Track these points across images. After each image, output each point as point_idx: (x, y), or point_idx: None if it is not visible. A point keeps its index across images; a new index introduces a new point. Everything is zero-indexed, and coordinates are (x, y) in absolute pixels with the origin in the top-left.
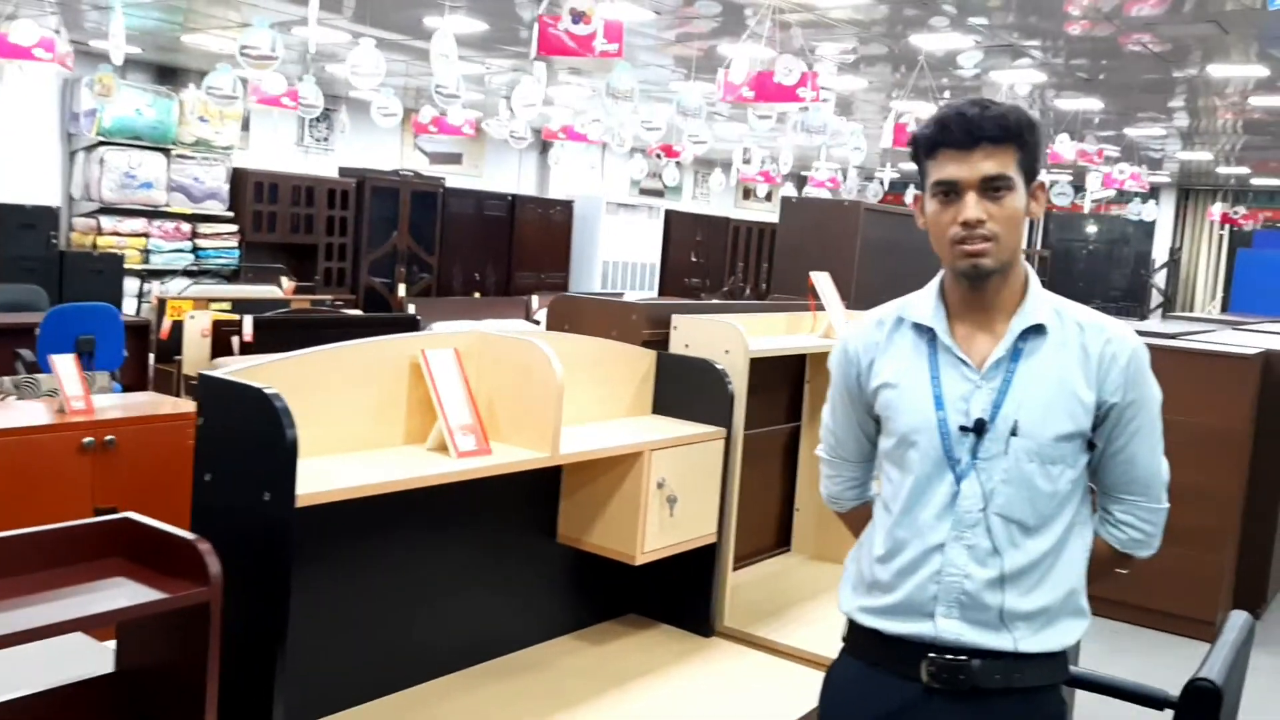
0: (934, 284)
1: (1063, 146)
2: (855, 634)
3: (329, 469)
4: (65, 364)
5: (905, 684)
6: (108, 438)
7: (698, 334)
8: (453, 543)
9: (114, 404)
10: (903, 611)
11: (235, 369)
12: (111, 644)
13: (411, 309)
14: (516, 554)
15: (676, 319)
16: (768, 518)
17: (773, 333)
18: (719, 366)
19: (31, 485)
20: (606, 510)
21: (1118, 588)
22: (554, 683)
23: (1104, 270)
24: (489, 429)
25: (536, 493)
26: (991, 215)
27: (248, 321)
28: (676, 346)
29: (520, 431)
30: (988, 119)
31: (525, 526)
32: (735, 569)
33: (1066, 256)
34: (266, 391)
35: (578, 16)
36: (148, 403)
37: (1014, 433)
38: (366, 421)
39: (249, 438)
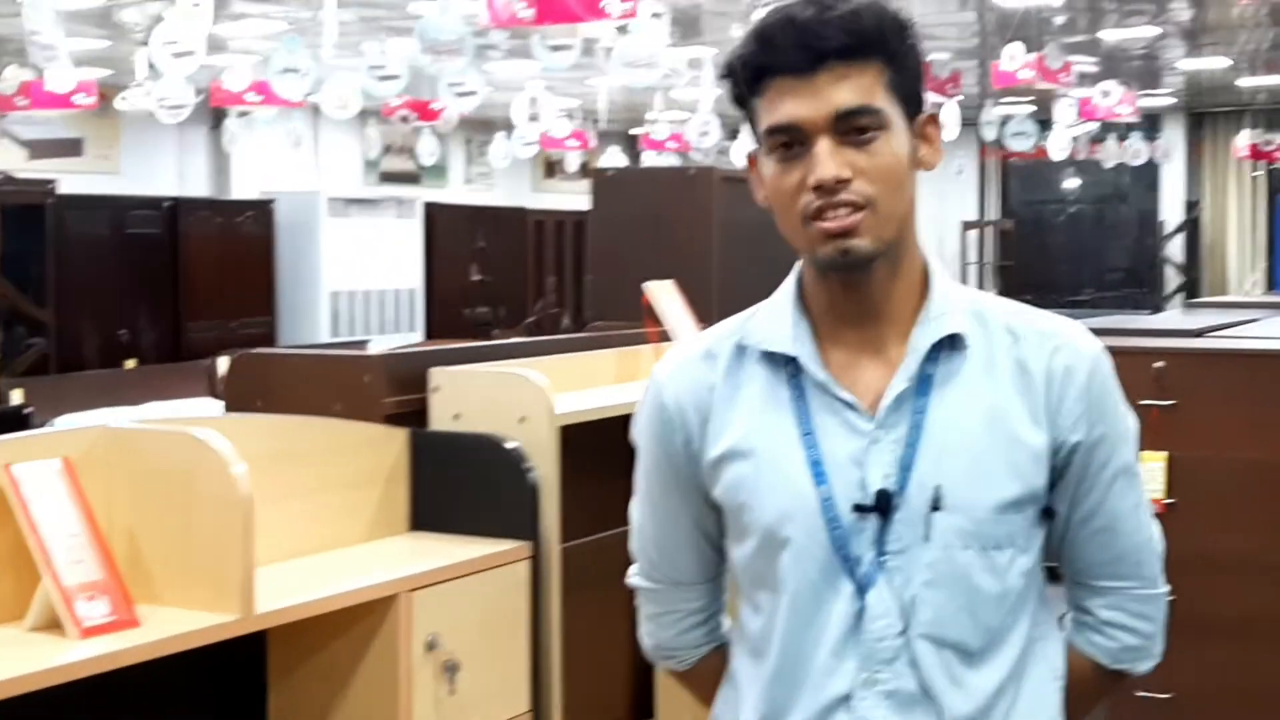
0: (787, 290)
1: (1012, 61)
2: None
3: None
4: None
5: None
6: None
7: (473, 396)
8: None
9: None
10: None
11: None
12: None
13: (15, 398)
14: None
15: (436, 375)
16: (615, 678)
17: (593, 383)
18: (511, 445)
19: None
20: (346, 698)
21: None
22: None
23: (1094, 244)
24: (132, 585)
25: (227, 684)
26: (858, 169)
27: None
28: (440, 419)
29: (187, 584)
30: (832, 22)
31: None
32: None
33: (1038, 227)
34: None
35: None
36: None
37: (936, 506)
38: None
39: None
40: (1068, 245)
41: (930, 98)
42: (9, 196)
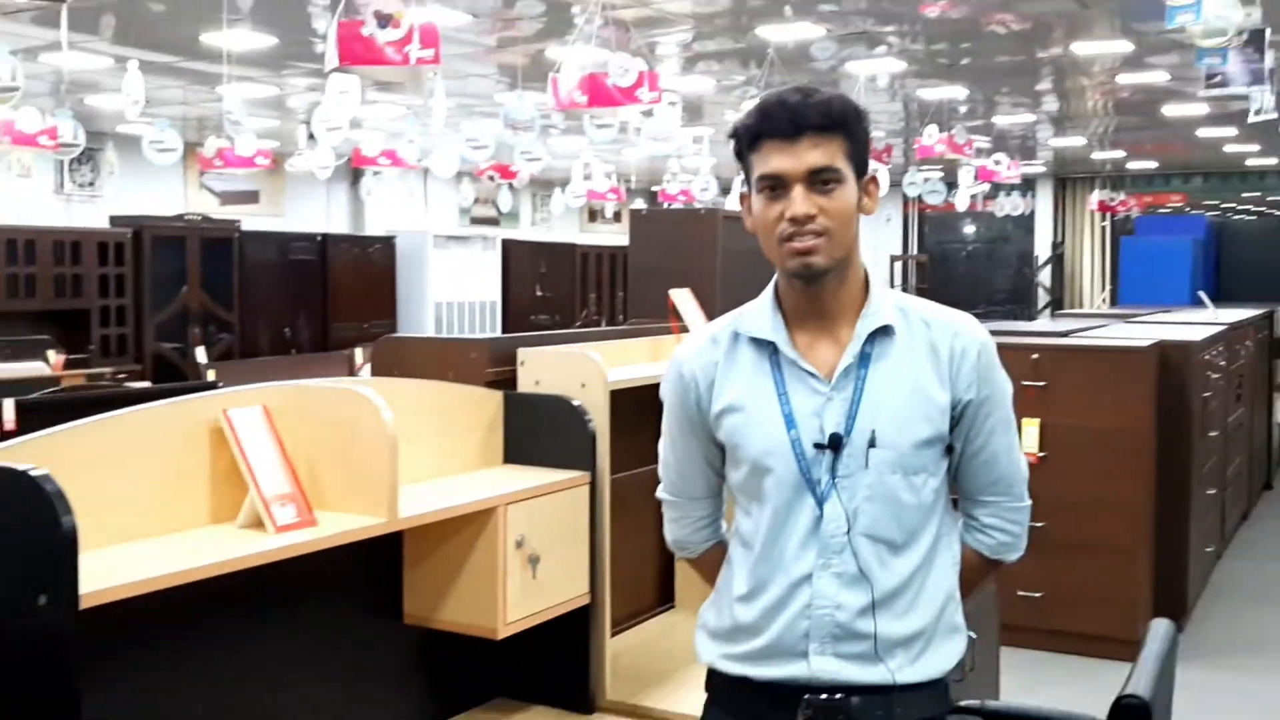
0: (768, 293)
1: (930, 139)
2: (720, 685)
3: (118, 561)
4: None
5: None
6: None
7: (548, 368)
8: (282, 637)
9: None
10: (773, 654)
11: None
12: None
13: (211, 376)
14: (358, 641)
15: (523, 353)
16: (646, 572)
17: (633, 361)
18: (576, 403)
19: None
20: (459, 580)
21: (1032, 614)
22: None
23: (986, 272)
24: (311, 497)
25: (375, 568)
26: (822, 209)
27: (8, 405)
28: (525, 385)
29: (350, 496)
30: (811, 106)
31: (365, 608)
32: (613, 633)
33: (945, 260)
34: (33, 474)
35: (384, 20)
36: None
37: (872, 444)
38: (161, 501)
39: (14, 531)
40: (966, 273)
41: (870, 164)
42: (207, 232)
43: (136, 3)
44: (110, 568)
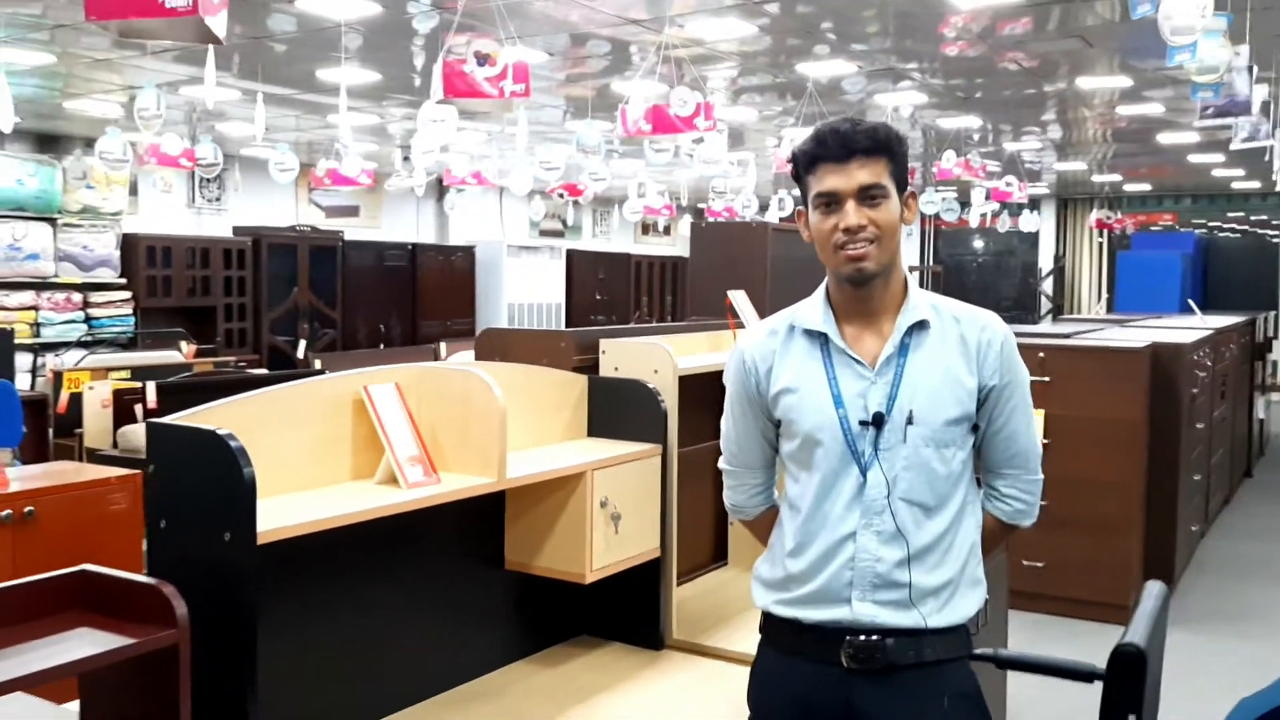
0: (819, 293)
1: (948, 163)
2: (772, 626)
3: (282, 508)
4: None
5: (825, 668)
6: (27, 509)
7: (626, 356)
8: (406, 577)
9: (28, 475)
10: (820, 599)
11: (183, 415)
12: (74, 705)
13: (317, 365)
14: (468, 584)
15: (604, 343)
16: (703, 533)
17: (696, 351)
18: (650, 386)
19: None
20: (553, 533)
21: (1036, 581)
22: (515, 707)
23: (994, 281)
24: (435, 459)
25: (482, 522)
26: (871, 220)
27: (151, 388)
28: (606, 370)
29: (465, 459)
30: (860, 133)
31: (473, 556)
32: (677, 584)
33: (958, 270)
34: (220, 433)
35: (483, 59)
36: (64, 471)
37: (910, 421)
38: (313, 459)
39: (204, 481)
40: (977, 283)
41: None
42: (314, 241)
43: (262, 44)
44: (276, 513)
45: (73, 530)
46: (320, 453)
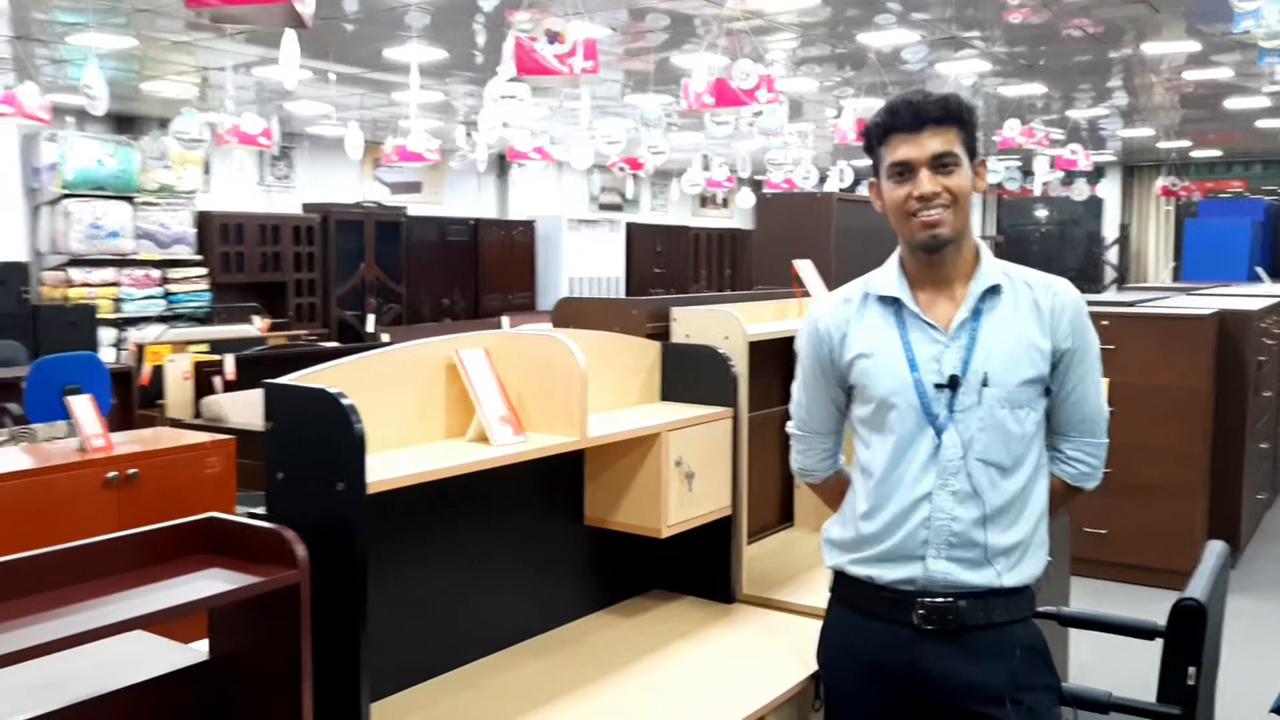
0: (893, 260)
1: (1010, 131)
2: (846, 586)
3: (386, 462)
4: (82, 404)
5: (896, 628)
6: (130, 471)
7: (697, 324)
8: (493, 531)
9: (129, 440)
10: (895, 557)
11: (296, 376)
12: (202, 644)
13: (385, 338)
14: (549, 537)
15: (676, 311)
16: (770, 495)
17: (763, 320)
18: (720, 352)
19: (59, 521)
20: (630, 490)
21: (1099, 548)
22: (594, 654)
23: (1057, 251)
24: (521, 419)
25: (563, 480)
26: (944, 187)
27: (229, 360)
28: (678, 337)
29: (550, 420)
30: (931, 103)
31: (555, 512)
32: (746, 543)
33: (1020, 240)
34: (332, 392)
35: (553, 37)
36: (162, 436)
37: (985, 383)
38: (410, 419)
39: (318, 435)
40: (1040, 253)
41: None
42: (379, 216)
43: (331, 24)
44: (382, 466)
45: (172, 490)
46: (416, 412)
